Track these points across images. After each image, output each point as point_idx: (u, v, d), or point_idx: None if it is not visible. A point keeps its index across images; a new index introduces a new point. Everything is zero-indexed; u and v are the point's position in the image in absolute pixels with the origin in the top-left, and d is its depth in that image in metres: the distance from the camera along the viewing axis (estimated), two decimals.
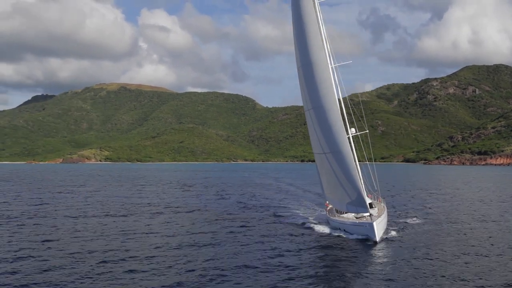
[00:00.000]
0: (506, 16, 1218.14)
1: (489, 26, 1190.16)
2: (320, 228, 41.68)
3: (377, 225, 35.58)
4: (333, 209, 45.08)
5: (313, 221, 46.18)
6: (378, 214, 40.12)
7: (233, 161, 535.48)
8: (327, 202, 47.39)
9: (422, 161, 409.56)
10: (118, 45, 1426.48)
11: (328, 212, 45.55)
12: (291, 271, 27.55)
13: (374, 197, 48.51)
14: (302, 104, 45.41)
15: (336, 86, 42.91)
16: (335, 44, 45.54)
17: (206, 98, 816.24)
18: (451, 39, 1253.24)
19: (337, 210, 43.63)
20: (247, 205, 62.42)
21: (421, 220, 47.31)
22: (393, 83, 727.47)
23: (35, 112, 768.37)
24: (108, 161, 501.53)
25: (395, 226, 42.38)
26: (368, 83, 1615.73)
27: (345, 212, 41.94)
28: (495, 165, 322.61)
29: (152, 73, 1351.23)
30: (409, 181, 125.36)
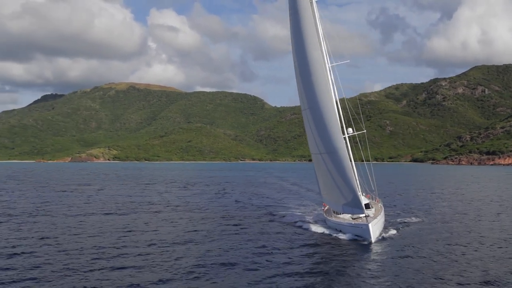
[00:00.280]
0: None
1: (499, 26, 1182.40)
2: (316, 228, 41.49)
3: (372, 227, 35.51)
4: (330, 210, 44.84)
5: (310, 221, 46.05)
6: (375, 215, 39.99)
7: (241, 160, 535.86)
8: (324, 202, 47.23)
9: (430, 161, 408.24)
10: (127, 45, 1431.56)
11: (325, 213, 45.33)
12: (282, 269, 27.77)
13: (372, 197, 48.40)
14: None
15: (333, 85, 43.20)
16: (334, 43, 45.81)
17: (215, 97, 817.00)
18: (461, 39, 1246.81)
19: (334, 211, 43.36)
20: (246, 204, 62.84)
21: (419, 220, 47.09)
22: (402, 83, 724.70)
23: (45, 111, 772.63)
24: (116, 160, 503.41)
25: (392, 226, 42.22)
26: (377, 83, 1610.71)
27: (342, 213, 41.62)
28: (503, 165, 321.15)
29: (161, 73, 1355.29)
30: (412, 181, 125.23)
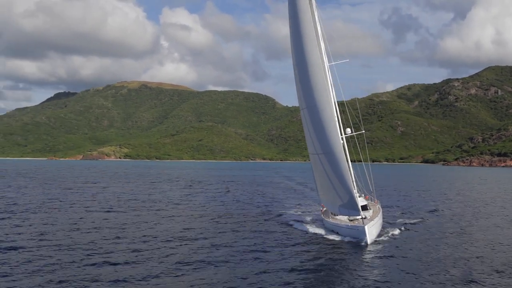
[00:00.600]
0: None
1: None
2: (313, 229, 41.34)
3: (368, 229, 35.40)
4: (328, 211, 44.48)
5: (307, 222, 46.10)
6: (372, 216, 39.84)
7: (251, 159, 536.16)
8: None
9: (441, 162, 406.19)
10: (139, 44, 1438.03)
11: (323, 214, 44.93)
12: (271, 268, 28.06)
13: (371, 199, 48.20)
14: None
15: (331, 85, 43.01)
16: (334, 42, 45.76)
17: (226, 96, 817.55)
18: (474, 39, 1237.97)
19: (332, 212, 43.10)
20: (246, 203, 63.24)
21: (418, 222, 46.76)
22: (414, 83, 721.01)
23: (57, 109, 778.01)
24: (128, 159, 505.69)
25: (390, 228, 41.94)
26: (389, 83, 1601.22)
27: (339, 214, 41.39)
28: None
29: (173, 72, 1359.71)
30: (418, 182, 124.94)
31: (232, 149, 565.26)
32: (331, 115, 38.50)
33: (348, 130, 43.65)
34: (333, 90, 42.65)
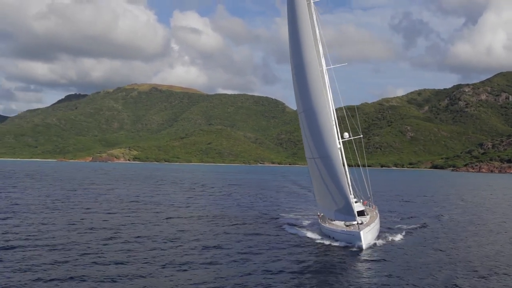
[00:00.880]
0: None
1: None
2: (309, 234, 40.93)
3: (364, 234, 34.95)
4: (325, 216, 43.88)
5: (305, 227, 45.74)
6: (368, 222, 39.22)
7: (260, 163, 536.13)
8: None
9: (451, 168, 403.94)
10: (150, 46, 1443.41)
11: (320, 219, 44.11)
12: (262, 271, 28.18)
13: (369, 204, 47.72)
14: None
15: (329, 89, 42.75)
16: (333, 46, 45.56)
17: (236, 100, 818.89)
18: (485, 44, 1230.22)
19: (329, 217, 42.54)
20: (248, 207, 63.51)
21: (418, 228, 46.32)
22: (424, 89, 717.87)
23: (68, 111, 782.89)
24: (137, 161, 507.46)
25: (387, 233, 41.38)
26: (399, 87, 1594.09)
27: (335, 220, 40.78)
28: None
29: (183, 74, 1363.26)
30: (422, 188, 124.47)
31: (241, 152, 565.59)
32: (328, 119, 38.05)
33: (346, 134, 43.50)
34: (331, 94, 42.41)
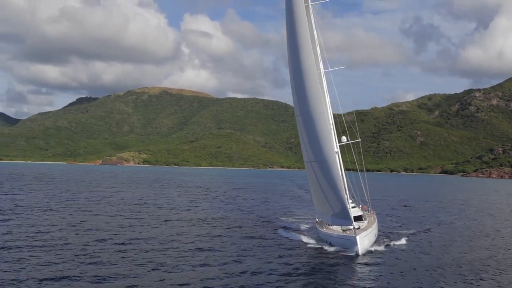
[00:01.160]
0: None
1: None
2: (306, 239, 40.71)
3: (360, 239, 34.54)
4: (323, 221, 43.20)
5: (302, 231, 45.49)
6: (366, 227, 38.84)
7: (269, 167, 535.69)
8: None
9: (460, 173, 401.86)
10: (161, 50, 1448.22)
11: (317, 224, 43.58)
12: (251, 274, 28.44)
13: (368, 210, 47.21)
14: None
15: (326, 92, 42.51)
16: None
17: (246, 104, 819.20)
18: (497, 49, 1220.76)
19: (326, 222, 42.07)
20: (249, 210, 63.87)
21: (418, 233, 45.89)
22: (435, 93, 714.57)
23: (79, 114, 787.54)
24: (146, 164, 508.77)
25: (387, 238, 41.31)
26: (409, 92, 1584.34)
27: (331, 224, 40.35)
28: None
29: (193, 78, 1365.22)
30: (430, 193, 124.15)
31: (250, 156, 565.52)
32: (325, 122, 37.85)
33: (344, 138, 43.34)
34: (329, 97, 42.21)
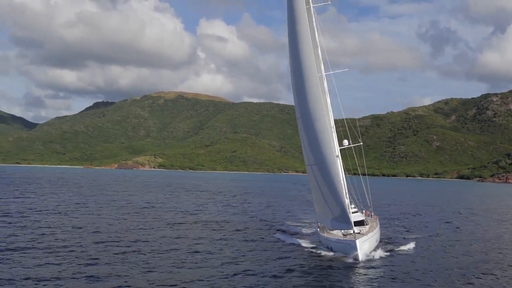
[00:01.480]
0: None
1: None
2: (306, 244, 40.61)
3: (360, 243, 33.96)
4: (325, 225, 42.79)
5: (304, 236, 45.35)
6: (367, 231, 38.16)
7: (284, 172, 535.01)
8: None
9: (477, 178, 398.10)
10: (177, 54, 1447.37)
11: (319, 228, 42.93)
12: (244, 276, 28.89)
13: (371, 215, 46.70)
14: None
15: (327, 94, 41.96)
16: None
17: (262, 108, 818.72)
18: None
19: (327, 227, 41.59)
20: (255, 215, 64.03)
21: (420, 240, 44.51)
22: (452, 98, 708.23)
23: (96, 118, 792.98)
24: (162, 168, 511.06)
25: (391, 244, 40.88)
26: (426, 97, 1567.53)
27: (332, 228, 39.97)
28: None
29: (209, 82, 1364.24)
30: (439, 198, 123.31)
31: (265, 161, 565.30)
32: (325, 125, 37.63)
33: (345, 141, 42.84)
34: (329, 100, 41.60)
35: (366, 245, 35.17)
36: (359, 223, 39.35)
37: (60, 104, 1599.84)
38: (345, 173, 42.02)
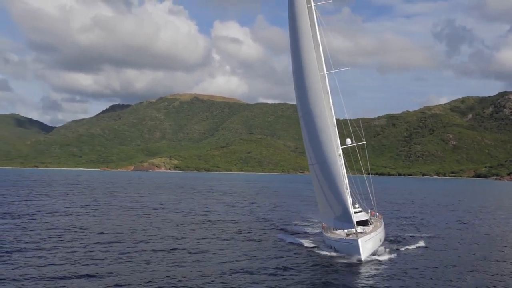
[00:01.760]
0: None
1: None
2: (309, 243, 40.56)
3: (362, 243, 33.59)
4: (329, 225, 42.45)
5: (309, 236, 45.32)
6: (371, 231, 37.62)
7: (300, 172, 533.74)
8: None
9: (494, 177, 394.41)
10: (191, 57, 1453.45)
11: (323, 228, 42.66)
12: (240, 274, 29.38)
13: (376, 215, 46.13)
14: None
15: (329, 93, 40.82)
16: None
17: (277, 109, 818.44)
18: None
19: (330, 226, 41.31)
20: (263, 215, 64.33)
21: (426, 240, 43.85)
22: (468, 96, 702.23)
23: (112, 121, 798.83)
24: (177, 170, 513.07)
25: (393, 244, 40.53)
26: (442, 96, 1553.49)
27: (334, 228, 39.83)
28: None
29: (224, 84, 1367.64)
30: (451, 198, 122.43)
31: (280, 161, 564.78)
32: (326, 124, 37.26)
33: (348, 140, 42.10)
34: (331, 98, 41.28)
35: (368, 244, 34.81)
36: (363, 223, 39.03)
37: (77, 108, 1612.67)
38: (349, 172, 41.59)
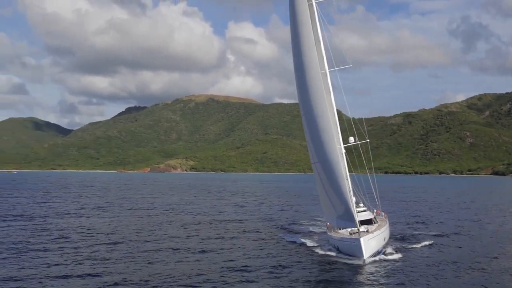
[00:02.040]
0: None
1: None
2: (313, 243, 40.66)
3: (365, 242, 33.11)
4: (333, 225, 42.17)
5: (313, 236, 45.30)
6: (374, 229, 36.97)
7: None
8: None
9: None
10: (206, 58, 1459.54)
11: (327, 227, 42.17)
12: (240, 271, 29.98)
13: (380, 213, 45.76)
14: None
15: (331, 91, 41.38)
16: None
17: (292, 109, 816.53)
18: None
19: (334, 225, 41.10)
20: (271, 214, 64.86)
21: (432, 238, 43.41)
22: (485, 93, 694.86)
23: (128, 123, 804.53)
24: (193, 171, 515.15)
25: (397, 242, 40.35)
26: (459, 93, 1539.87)
27: (337, 227, 39.61)
28: None
29: (239, 85, 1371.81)
30: (466, 196, 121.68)
31: (296, 161, 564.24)
32: (327, 122, 36.83)
33: (351, 139, 41.76)
34: (333, 96, 40.36)
35: (371, 243, 34.39)
36: (367, 222, 38.87)
37: (94, 110, 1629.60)
38: (353, 171, 41.40)
